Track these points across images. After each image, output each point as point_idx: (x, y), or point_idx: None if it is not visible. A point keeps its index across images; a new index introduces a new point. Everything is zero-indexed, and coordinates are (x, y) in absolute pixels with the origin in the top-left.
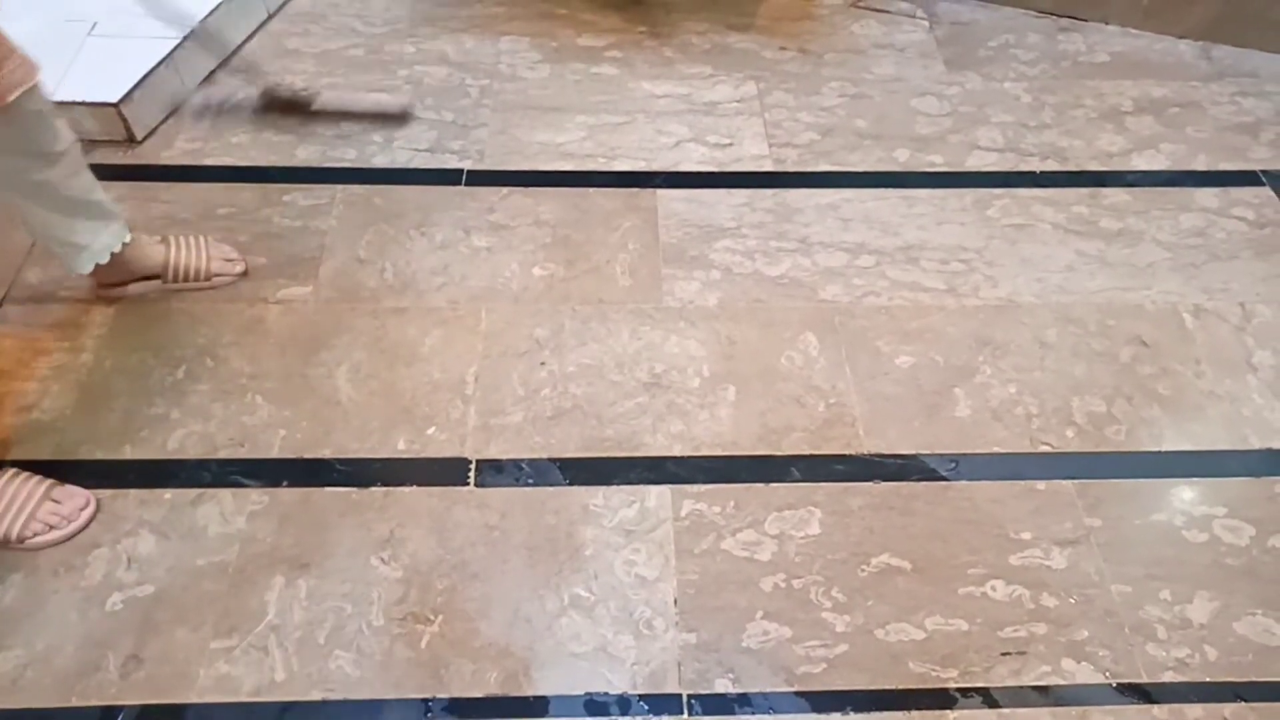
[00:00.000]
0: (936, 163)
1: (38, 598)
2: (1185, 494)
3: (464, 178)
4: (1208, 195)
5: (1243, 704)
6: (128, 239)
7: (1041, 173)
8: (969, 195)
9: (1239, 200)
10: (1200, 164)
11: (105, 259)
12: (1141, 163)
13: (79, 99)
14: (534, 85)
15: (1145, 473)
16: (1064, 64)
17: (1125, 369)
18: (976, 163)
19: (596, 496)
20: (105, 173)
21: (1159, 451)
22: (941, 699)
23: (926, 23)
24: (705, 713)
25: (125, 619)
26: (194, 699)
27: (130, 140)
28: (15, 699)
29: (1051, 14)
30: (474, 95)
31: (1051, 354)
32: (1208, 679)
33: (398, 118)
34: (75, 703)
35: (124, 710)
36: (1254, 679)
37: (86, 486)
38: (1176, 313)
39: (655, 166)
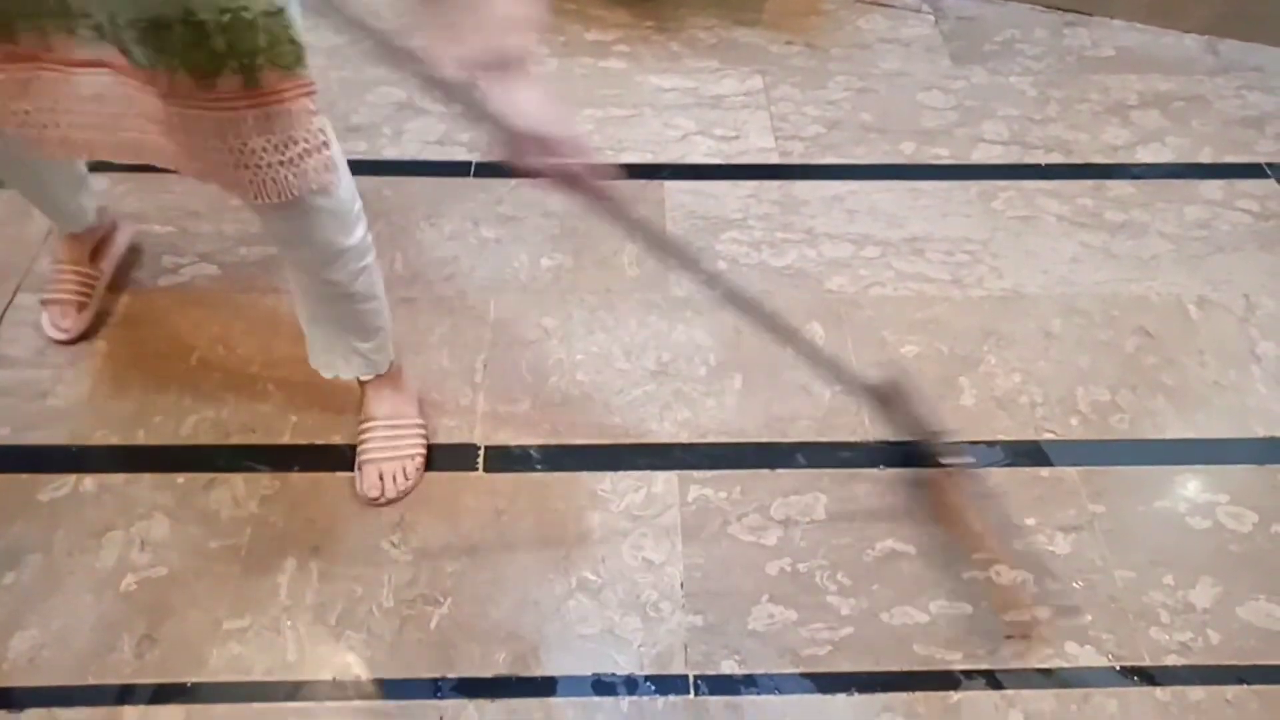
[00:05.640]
0: (942, 155)
1: (53, 579)
2: (1189, 481)
3: (473, 169)
4: (1212, 188)
5: (1245, 687)
6: (365, 377)
7: (1047, 165)
8: (974, 187)
9: (1244, 193)
10: (1205, 157)
11: (327, 373)
12: (1146, 156)
13: None
14: (542, 79)
15: (1149, 460)
16: (1069, 58)
17: (1130, 359)
18: (982, 156)
19: (604, 482)
20: (115, 164)
21: (1163, 440)
22: (946, 681)
23: (932, 17)
24: (712, 693)
25: (139, 600)
26: (207, 678)
27: None
28: (33, 678)
29: (1057, 8)
30: (484, 88)
31: (1056, 344)
32: (1210, 662)
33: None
34: (91, 681)
35: (139, 689)
36: (1257, 663)
37: (100, 470)
38: (1181, 304)
39: (662, 159)
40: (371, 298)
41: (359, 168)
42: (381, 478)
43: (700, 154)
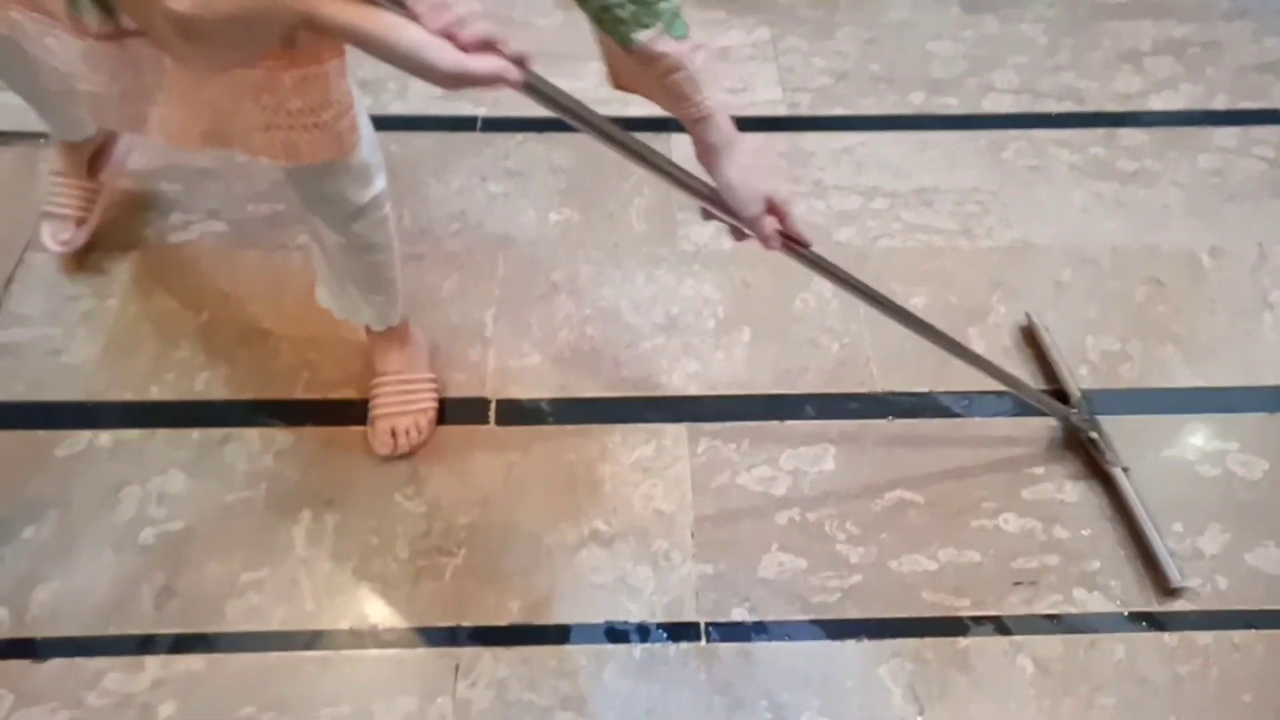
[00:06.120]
0: (951, 105)
1: (72, 533)
2: (1198, 430)
3: (479, 124)
4: (1226, 135)
5: (1253, 632)
6: (376, 327)
7: (1057, 114)
8: (984, 138)
9: (1259, 140)
10: (1219, 104)
11: (340, 315)
12: (1159, 103)
13: None
14: (547, 32)
15: (1159, 409)
16: (1081, 5)
17: (1140, 309)
18: (992, 105)
19: (614, 435)
20: None
21: (1172, 388)
22: (954, 627)
23: None
24: (722, 639)
25: (158, 553)
26: (226, 629)
27: None
28: (55, 629)
29: None
30: None
31: (1066, 294)
32: (1218, 608)
33: None
34: (112, 631)
35: (159, 639)
36: (1264, 608)
37: (115, 426)
38: (1192, 253)
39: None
40: (387, 248)
41: None
42: (394, 433)
43: None
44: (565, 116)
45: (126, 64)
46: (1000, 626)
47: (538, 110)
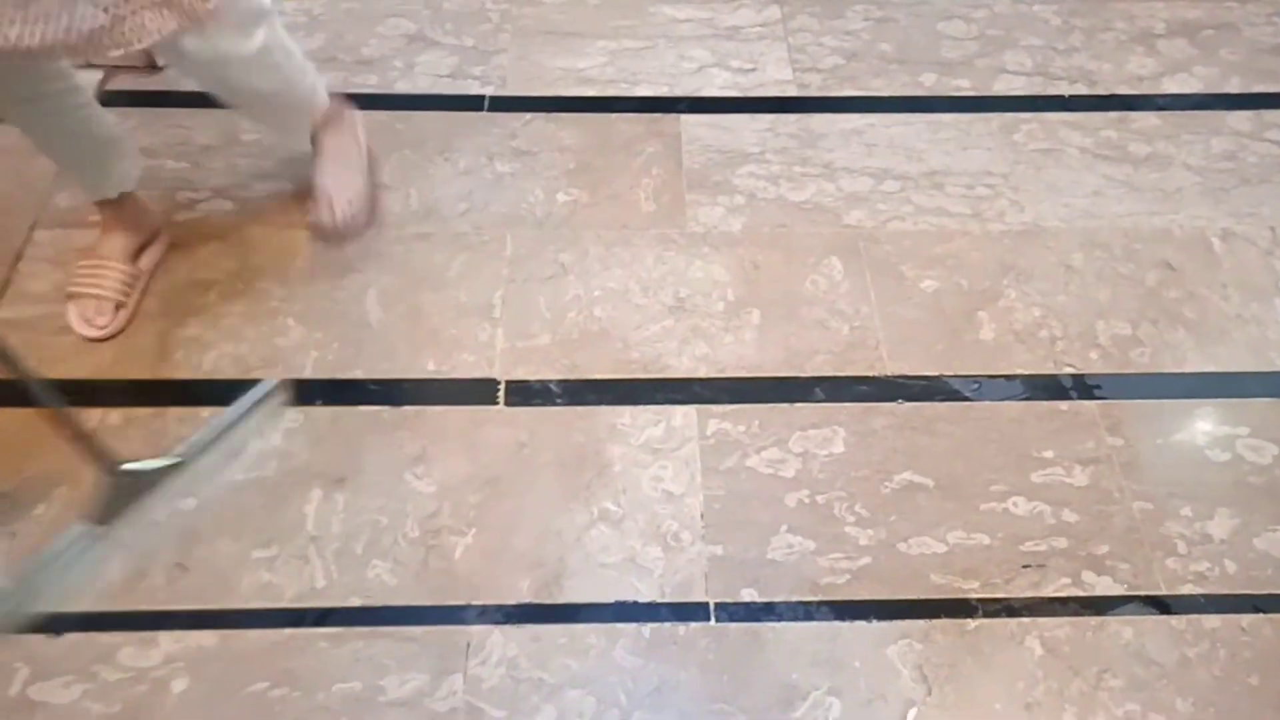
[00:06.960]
0: (963, 87)
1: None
2: (1208, 414)
3: (486, 104)
4: (1240, 119)
5: (1260, 615)
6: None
7: (1070, 97)
8: (995, 120)
9: (1272, 123)
10: (1233, 87)
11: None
12: (1172, 86)
13: None
14: (554, 10)
15: (1169, 393)
16: None
17: (1151, 293)
18: (1003, 87)
19: (623, 416)
20: (125, 99)
21: (1183, 373)
22: (962, 609)
23: None
24: (731, 620)
25: (169, 530)
26: (239, 605)
27: (151, 66)
28: (68, 604)
29: None
30: (494, 20)
31: (1077, 278)
32: (1226, 592)
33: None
34: (125, 607)
35: (173, 614)
36: (1272, 592)
37: (124, 405)
38: (1204, 237)
39: (678, 92)
40: (288, 89)
41: (370, 102)
42: (333, 206)
43: (716, 86)
44: None
45: None
46: (1008, 609)
47: (546, 89)
